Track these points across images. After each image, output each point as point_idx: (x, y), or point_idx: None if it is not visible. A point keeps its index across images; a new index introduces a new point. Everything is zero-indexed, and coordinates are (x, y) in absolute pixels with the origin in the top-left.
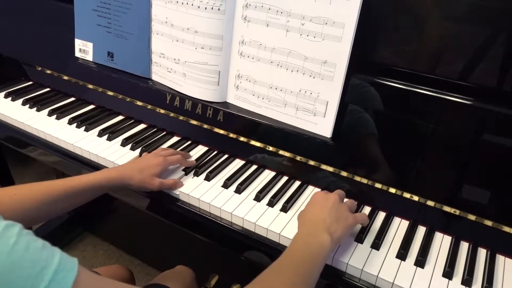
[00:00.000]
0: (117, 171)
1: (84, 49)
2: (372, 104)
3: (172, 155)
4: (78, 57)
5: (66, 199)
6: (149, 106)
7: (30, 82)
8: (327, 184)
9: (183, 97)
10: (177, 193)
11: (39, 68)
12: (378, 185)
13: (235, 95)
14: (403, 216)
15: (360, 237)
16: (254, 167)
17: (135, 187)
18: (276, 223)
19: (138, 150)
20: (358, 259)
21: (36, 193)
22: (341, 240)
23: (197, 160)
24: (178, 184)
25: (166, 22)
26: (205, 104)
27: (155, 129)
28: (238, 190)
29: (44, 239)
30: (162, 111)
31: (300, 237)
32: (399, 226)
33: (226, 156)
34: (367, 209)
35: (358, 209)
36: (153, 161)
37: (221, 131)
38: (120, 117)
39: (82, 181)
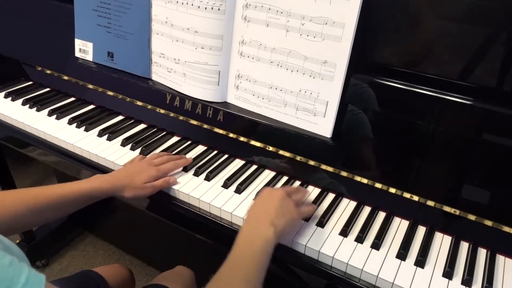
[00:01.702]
0: (109, 182)
1: (84, 49)
2: (372, 104)
3: (166, 162)
4: (78, 57)
5: (56, 207)
6: (149, 106)
7: (30, 82)
8: (326, 184)
9: (183, 97)
10: (177, 193)
11: (39, 68)
12: (378, 185)
13: (235, 95)
14: (403, 216)
15: (360, 237)
16: (254, 167)
17: (127, 198)
18: None
19: (138, 150)
20: (358, 259)
21: (25, 199)
22: (284, 232)
23: (196, 160)
24: (171, 180)
25: (166, 22)
26: (205, 104)
27: (155, 129)
28: (238, 190)
29: (44, 239)
30: (162, 111)
31: (244, 232)
32: (399, 226)
33: (226, 156)
34: (367, 209)
35: (358, 209)
36: (146, 172)
37: (221, 131)
38: (120, 117)
39: (73, 190)
